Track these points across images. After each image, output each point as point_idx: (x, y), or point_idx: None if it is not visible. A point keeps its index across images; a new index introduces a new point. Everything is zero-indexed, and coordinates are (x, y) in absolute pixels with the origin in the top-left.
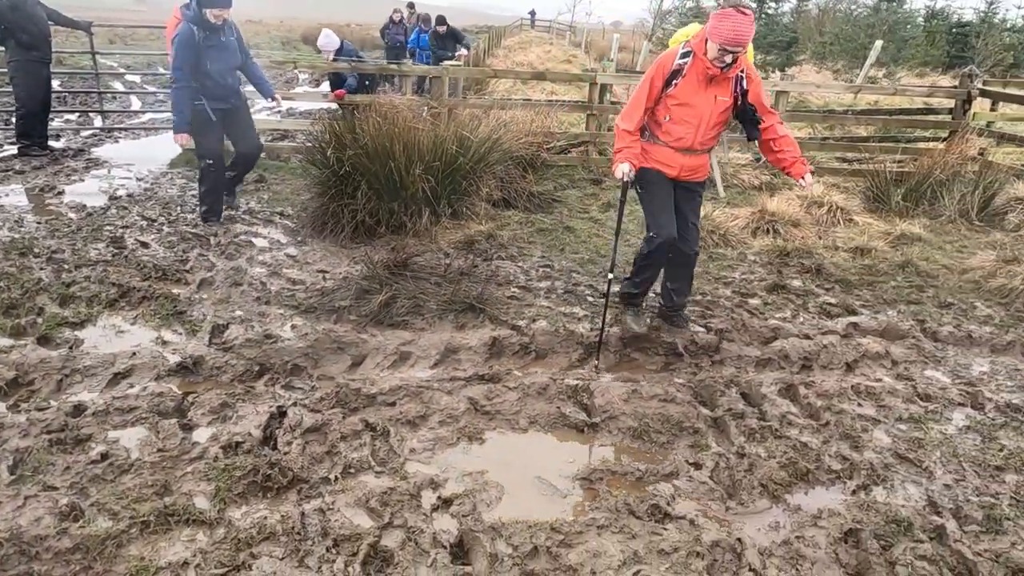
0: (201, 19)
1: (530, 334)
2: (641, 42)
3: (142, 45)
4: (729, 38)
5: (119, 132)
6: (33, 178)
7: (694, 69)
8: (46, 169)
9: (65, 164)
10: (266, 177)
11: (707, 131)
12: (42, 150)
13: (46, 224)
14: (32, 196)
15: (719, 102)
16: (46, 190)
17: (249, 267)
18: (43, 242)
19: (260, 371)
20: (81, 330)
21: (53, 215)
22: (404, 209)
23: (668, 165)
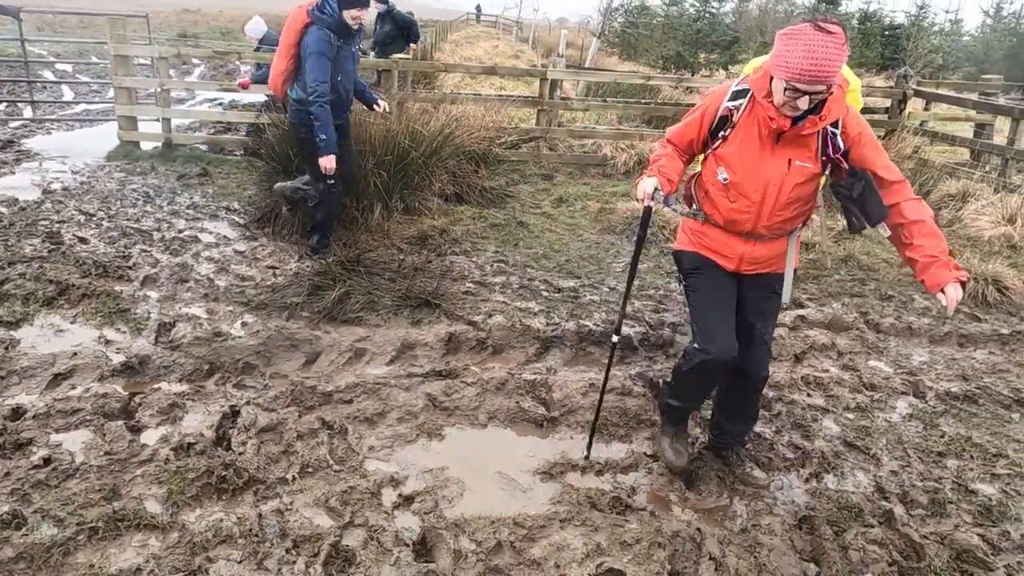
0: (339, 23)
1: (486, 329)
2: (589, 39)
3: (72, 32)
4: (802, 70)
5: (51, 123)
6: None
7: (752, 118)
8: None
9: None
10: (210, 171)
11: (777, 211)
12: None
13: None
14: None
15: (796, 169)
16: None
17: (195, 263)
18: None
19: (210, 370)
20: (17, 330)
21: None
22: (355, 204)
23: (723, 255)
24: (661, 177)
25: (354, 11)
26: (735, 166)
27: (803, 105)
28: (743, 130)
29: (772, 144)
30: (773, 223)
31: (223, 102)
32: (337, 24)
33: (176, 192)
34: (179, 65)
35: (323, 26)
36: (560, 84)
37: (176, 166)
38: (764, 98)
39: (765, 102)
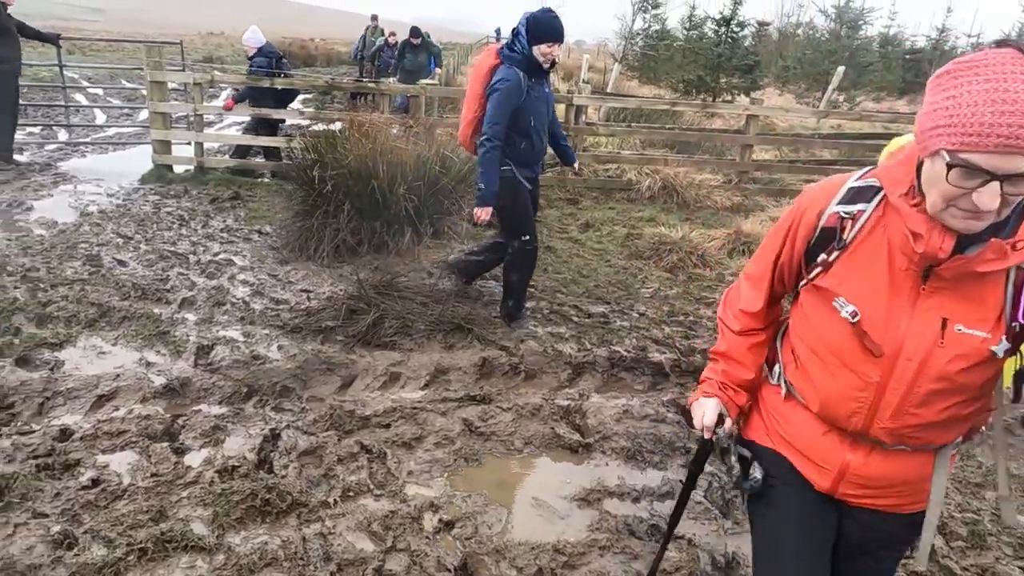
0: (530, 61)
1: (519, 355)
2: (609, 61)
3: (101, 56)
4: (992, 127)
5: (85, 146)
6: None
7: (879, 236)
8: (12, 184)
9: (32, 179)
10: (241, 194)
11: (913, 406)
12: (7, 164)
13: (17, 241)
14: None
15: (956, 338)
16: (13, 205)
17: (231, 286)
18: (16, 260)
19: (248, 392)
20: (61, 351)
21: (23, 232)
22: (387, 228)
23: (813, 461)
24: (724, 396)
25: (544, 46)
26: None
27: (986, 204)
28: (862, 255)
29: (915, 284)
30: (904, 426)
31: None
32: (527, 62)
33: (209, 215)
34: (207, 89)
35: (512, 64)
36: (585, 109)
37: (208, 189)
38: (904, 198)
39: (906, 206)
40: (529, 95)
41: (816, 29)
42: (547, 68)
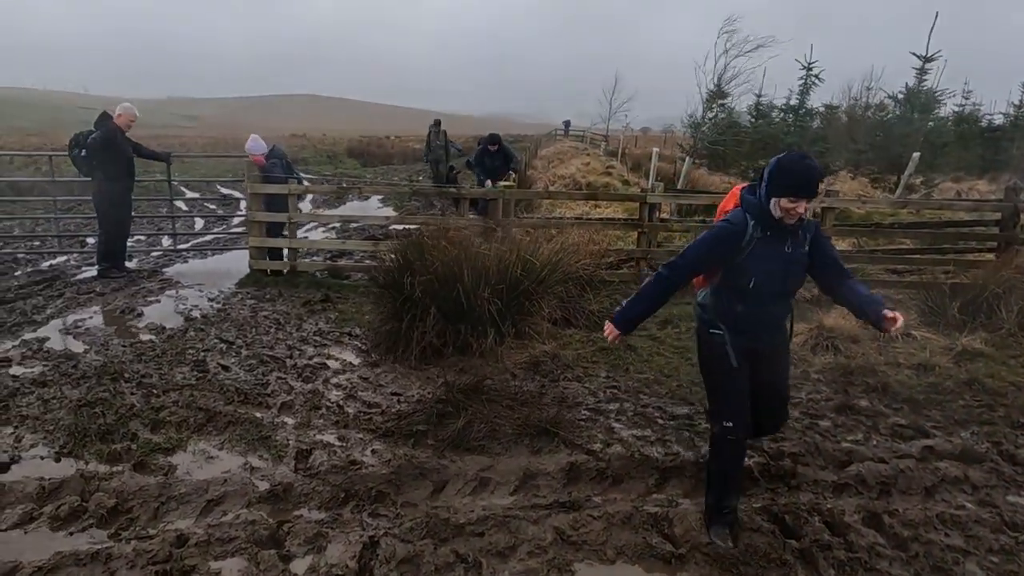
0: (762, 211)
1: (606, 459)
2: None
3: (198, 163)
4: None
5: (187, 252)
6: (113, 300)
7: None
8: (124, 291)
9: (141, 285)
10: (331, 296)
11: None
12: (120, 272)
13: (132, 348)
14: (114, 318)
15: None
16: (126, 312)
17: (326, 390)
18: (131, 366)
19: (346, 498)
20: (173, 456)
21: (136, 338)
22: (470, 330)
23: None
24: None
25: (786, 200)
26: None
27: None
28: None
29: None
30: None
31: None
32: (762, 213)
33: (303, 318)
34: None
35: (746, 210)
36: (659, 206)
37: (300, 292)
38: None
39: None
40: (755, 252)
41: (887, 110)
42: (788, 225)
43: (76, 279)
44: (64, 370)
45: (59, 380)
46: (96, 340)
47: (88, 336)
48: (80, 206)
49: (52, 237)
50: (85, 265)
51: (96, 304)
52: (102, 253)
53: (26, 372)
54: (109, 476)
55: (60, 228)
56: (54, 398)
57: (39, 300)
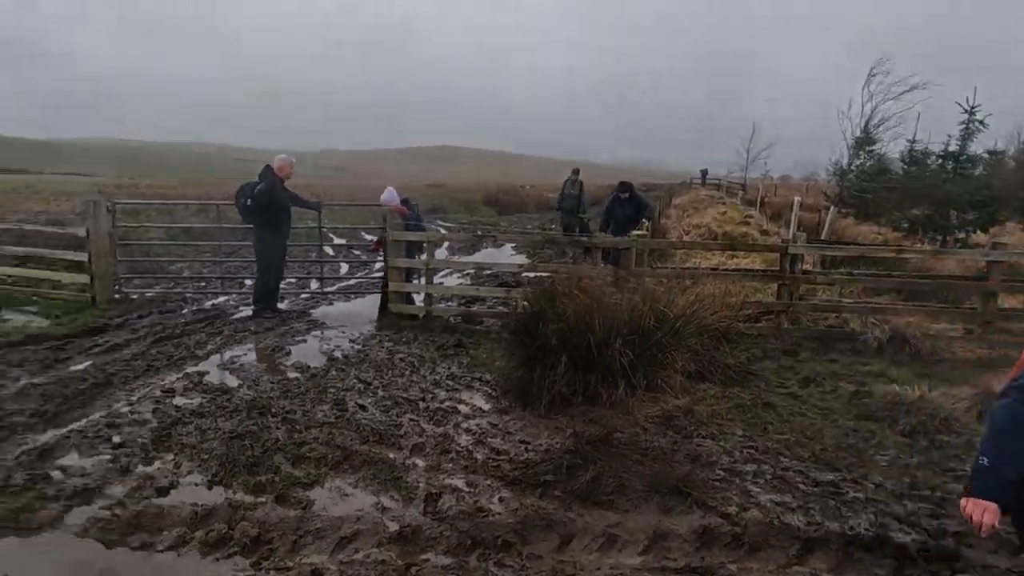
0: None
1: (742, 524)
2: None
3: (344, 211)
4: None
5: (332, 294)
6: (265, 339)
7: None
8: (275, 330)
9: (290, 325)
10: (463, 342)
11: None
12: (273, 312)
13: (279, 384)
14: (265, 356)
15: None
16: (276, 350)
17: (456, 434)
18: (278, 402)
19: (472, 545)
20: (311, 491)
21: (283, 375)
22: (600, 380)
23: None
24: None
25: None
26: None
27: None
28: None
29: None
30: None
31: (470, 274)
32: None
33: (436, 362)
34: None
35: None
36: (801, 257)
37: (434, 336)
38: None
39: None
40: None
41: None
42: None
43: (234, 318)
44: (219, 403)
45: (215, 412)
46: (248, 376)
47: (242, 372)
48: (240, 250)
49: (216, 279)
50: (243, 305)
51: (250, 342)
52: (258, 294)
53: (187, 403)
54: (254, 506)
55: (223, 270)
56: (209, 429)
57: (202, 336)
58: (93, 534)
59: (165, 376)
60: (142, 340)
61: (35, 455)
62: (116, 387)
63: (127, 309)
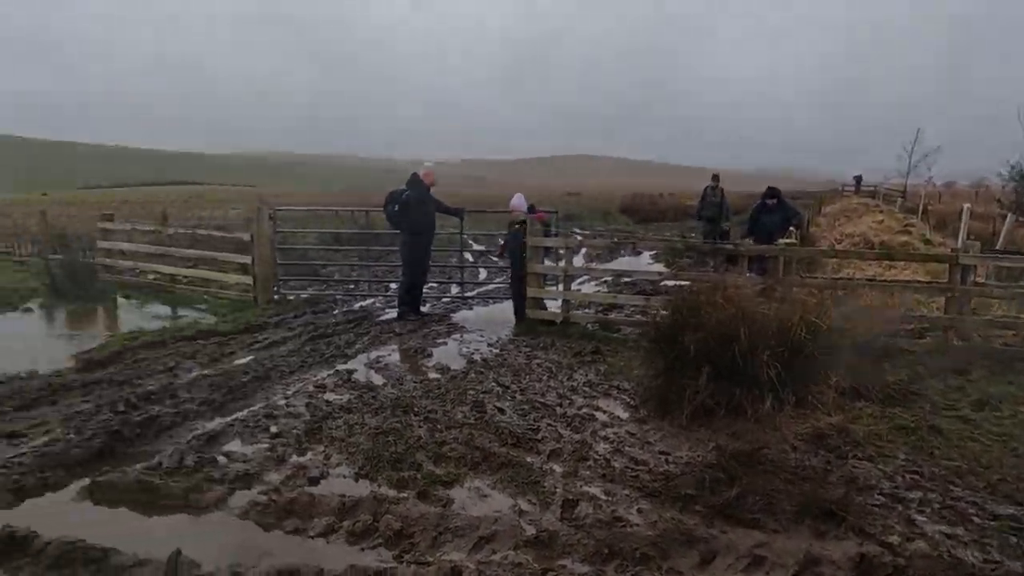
0: None
1: (905, 555)
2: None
3: (484, 218)
4: None
5: (472, 299)
6: (408, 340)
7: None
8: (418, 332)
9: (432, 328)
10: (601, 349)
11: None
12: (416, 315)
13: (421, 384)
14: (408, 357)
15: None
16: (418, 352)
17: (593, 441)
18: (420, 402)
19: (609, 555)
20: (451, 489)
21: (425, 376)
22: (745, 393)
23: None
24: None
25: None
26: None
27: None
28: None
29: None
30: None
31: (607, 281)
32: None
33: (573, 368)
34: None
35: None
36: (973, 269)
37: (571, 343)
38: None
39: None
40: None
41: None
42: None
43: (380, 319)
44: (366, 400)
45: (362, 408)
46: (393, 375)
47: (387, 371)
48: (386, 255)
49: (363, 282)
50: (388, 307)
51: (394, 343)
52: (402, 297)
53: (337, 399)
54: (397, 501)
55: (370, 274)
56: (357, 424)
57: (350, 336)
58: (252, 516)
59: (317, 372)
60: (297, 338)
61: (204, 440)
62: (274, 381)
63: (284, 309)
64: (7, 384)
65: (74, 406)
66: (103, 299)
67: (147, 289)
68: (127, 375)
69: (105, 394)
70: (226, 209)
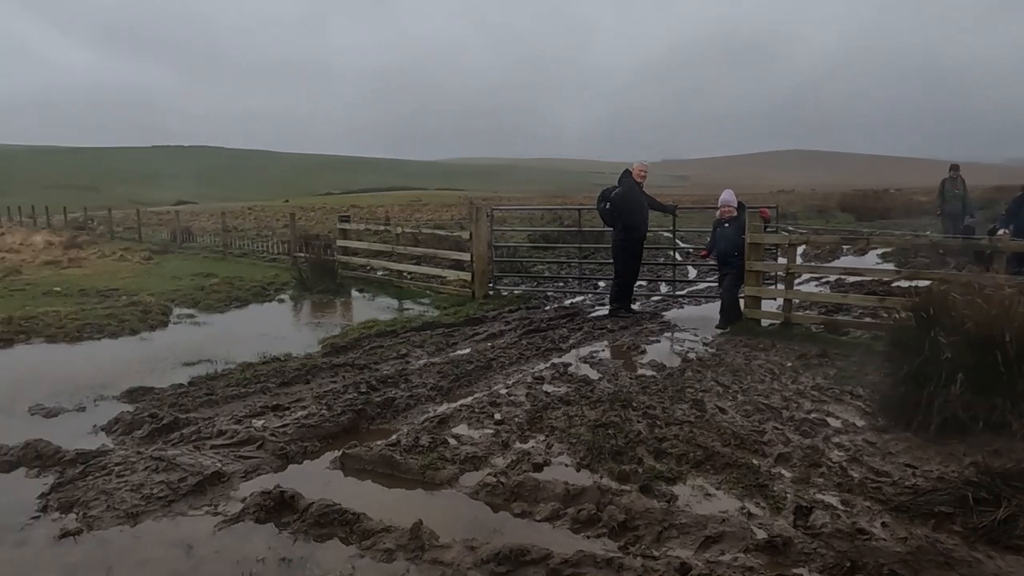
0: None
1: None
2: None
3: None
4: None
5: (683, 298)
6: (620, 337)
7: None
8: (630, 329)
9: (644, 326)
10: (828, 352)
11: None
12: (627, 313)
13: (637, 381)
14: (621, 353)
15: None
16: (631, 349)
17: (826, 448)
18: (638, 397)
19: (852, 568)
20: (674, 486)
21: (640, 372)
22: (1010, 407)
23: None
24: None
25: None
26: None
27: None
28: None
29: None
30: None
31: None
32: None
33: (797, 371)
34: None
35: None
36: None
37: (793, 344)
38: None
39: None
40: None
41: None
42: None
43: (591, 316)
44: (583, 393)
45: (579, 401)
46: (608, 370)
47: (601, 366)
48: (594, 253)
49: (572, 279)
50: (597, 305)
51: (606, 339)
52: (614, 294)
53: (555, 390)
54: (620, 493)
55: (579, 272)
56: (576, 416)
57: (564, 331)
58: (483, 497)
59: (535, 365)
60: (513, 332)
61: (435, 422)
62: (495, 371)
63: (499, 304)
64: (270, 364)
65: (324, 385)
66: (341, 292)
67: (377, 284)
68: (366, 360)
69: (349, 376)
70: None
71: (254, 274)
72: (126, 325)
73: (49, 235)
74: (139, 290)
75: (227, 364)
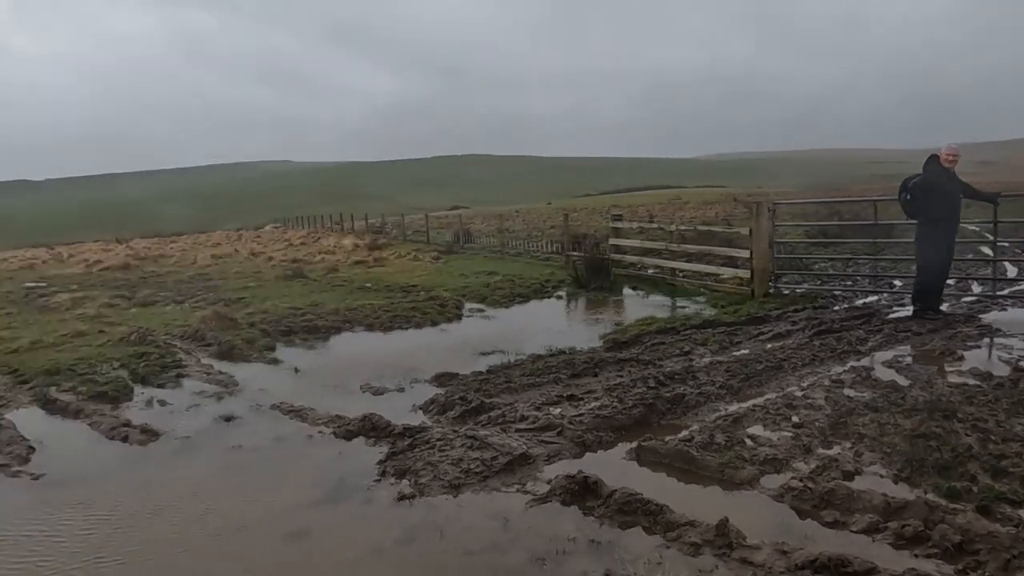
0: None
1: None
2: None
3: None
4: None
5: (1005, 299)
6: (929, 340)
7: None
8: (940, 333)
9: (957, 329)
10: None
11: None
12: (935, 315)
13: (958, 389)
14: (932, 358)
15: None
16: (945, 354)
17: None
18: (962, 407)
19: None
20: (1020, 510)
21: (960, 381)
22: None
23: None
24: None
25: None
26: None
27: None
28: None
29: None
30: None
31: None
32: None
33: None
34: None
35: None
36: None
37: None
38: None
39: None
40: None
41: None
42: None
43: (890, 317)
44: (892, 399)
45: (890, 408)
46: (919, 376)
47: (910, 371)
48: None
49: (862, 277)
50: (896, 305)
51: (912, 342)
52: (917, 294)
53: (858, 395)
54: (952, 512)
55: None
56: (888, 423)
57: (860, 333)
58: (787, 501)
59: (830, 367)
60: (802, 332)
61: (728, 421)
62: (787, 372)
63: (781, 303)
64: (557, 356)
65: (611, 379)
66: (614, 289)
67: (648, 281)
68: (650, 356)
69: (634, 371)
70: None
71: (531, 272)
72: (427, 317)
73: (355, 238)
74: (434, 286)
75: (518, 355)
